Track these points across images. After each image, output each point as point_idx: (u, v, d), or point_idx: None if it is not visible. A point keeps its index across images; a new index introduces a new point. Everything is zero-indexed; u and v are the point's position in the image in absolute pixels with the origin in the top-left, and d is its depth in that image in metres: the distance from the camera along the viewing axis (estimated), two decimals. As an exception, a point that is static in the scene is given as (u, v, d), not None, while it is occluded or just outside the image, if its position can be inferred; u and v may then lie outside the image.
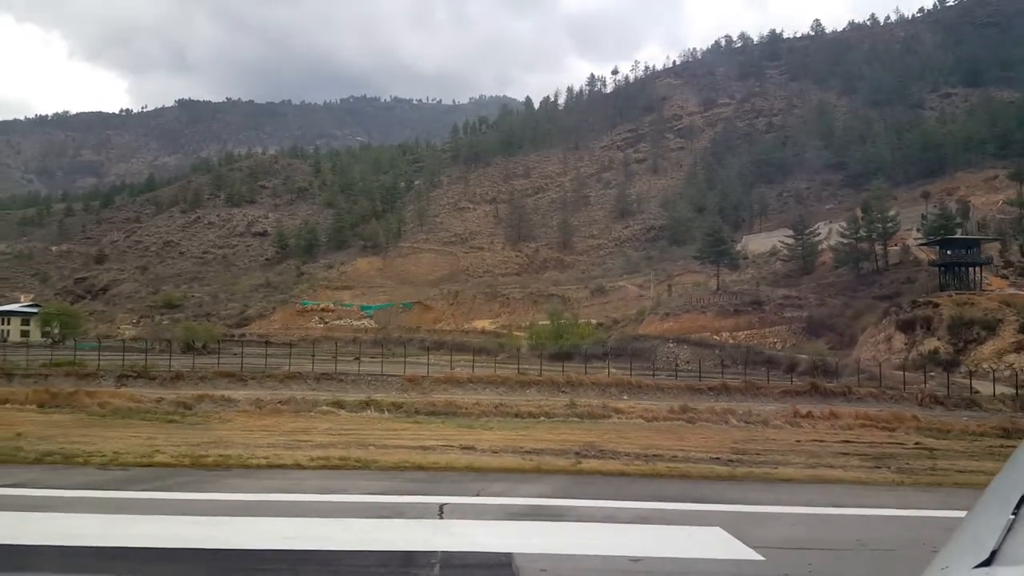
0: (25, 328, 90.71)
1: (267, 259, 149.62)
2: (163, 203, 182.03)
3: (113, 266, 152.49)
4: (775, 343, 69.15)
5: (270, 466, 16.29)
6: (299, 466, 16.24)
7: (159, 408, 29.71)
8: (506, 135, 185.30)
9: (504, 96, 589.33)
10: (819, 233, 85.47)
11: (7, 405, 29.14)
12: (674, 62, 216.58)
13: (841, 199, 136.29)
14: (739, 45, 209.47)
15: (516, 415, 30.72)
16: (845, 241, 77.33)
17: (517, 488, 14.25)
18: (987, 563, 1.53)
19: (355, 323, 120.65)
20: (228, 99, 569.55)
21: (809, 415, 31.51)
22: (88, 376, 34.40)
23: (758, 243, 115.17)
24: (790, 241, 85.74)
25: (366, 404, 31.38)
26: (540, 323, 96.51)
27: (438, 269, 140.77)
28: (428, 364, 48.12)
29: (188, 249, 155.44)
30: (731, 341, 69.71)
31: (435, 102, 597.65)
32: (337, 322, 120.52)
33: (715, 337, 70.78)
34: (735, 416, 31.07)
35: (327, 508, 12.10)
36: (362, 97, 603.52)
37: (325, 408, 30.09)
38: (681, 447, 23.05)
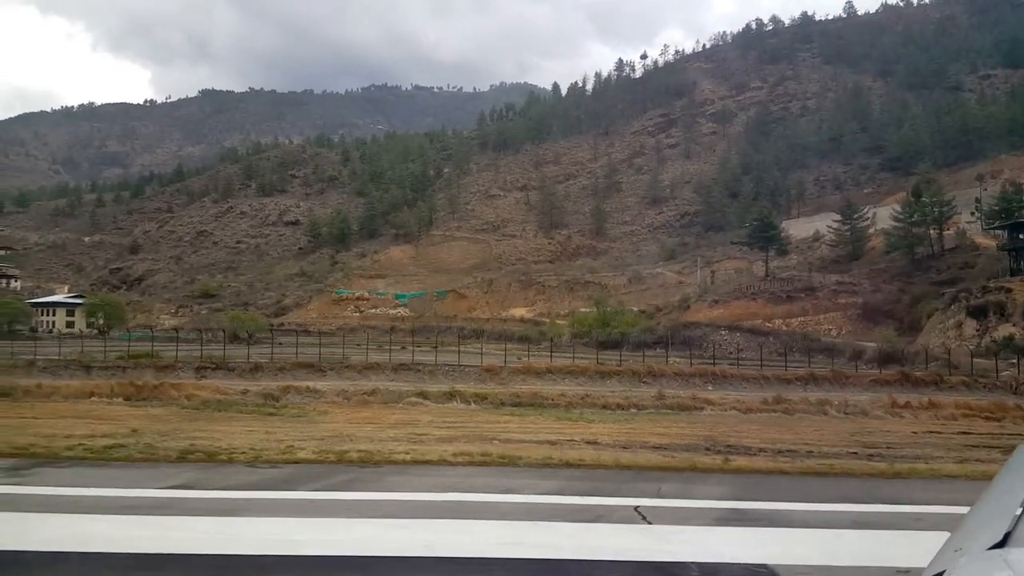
0: (70, 319, 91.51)
1: (300, 248, 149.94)
2: (194, 193, 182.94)
3: (147, 256, 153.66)
4: (830, 330, 67.82)
5: (415, 462, 15.75)
6: (445, 462, 15.68)
7: (246, 400, 29.41)
8: (535, 122, 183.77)
9: (525, 83, 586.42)
10: (867, 218, 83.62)
11: (94, 398, 28.99)
12: (704, 46, 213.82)
13: (880, 183, 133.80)
14: (770, 28, 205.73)
15: (604, 407, 30.09)
16: (898, 225, 75.53)
17: (695, 489, 13.61)
18: (1000, 544, 1.53)
19: (391, 312, 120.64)
20: (251, 89, 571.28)
21: (908, 405, 30.57)
22: (166, 368, 34.21)
23: (798, 228, 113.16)
24: (837, 226, 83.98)
25: (450, 395, 30.89)
26: (580, 311, 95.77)
27: (470, 257, 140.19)
28: (481, 353, 47.49)
29: (221, 239, 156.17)
30: (784, 328, 68.46)
31: (456, 90, 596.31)
32: (373, 311, 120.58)
33: (767, 324, 69.56)
34: (832, 407, 30.21)
35: (520, 510, 11.49)
36: (383, 85, 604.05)
37: (413, 399, 29.63)
38: (803, 440, 22.29)
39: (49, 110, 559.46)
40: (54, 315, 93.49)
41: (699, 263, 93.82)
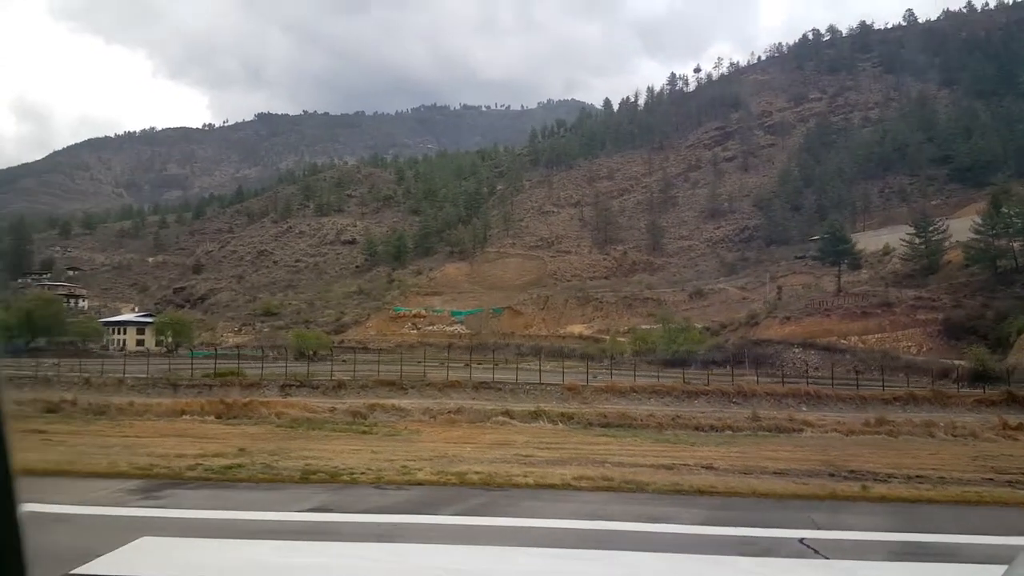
0: (140, 337, 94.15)
1: (357, 266, 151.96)
2: (254, 214, 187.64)
3: (210, 276, 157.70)
4: (909, 347, 65.05)
5: (539, 486, 15.12)
6: (569, 487, 14.98)
7: (335, 418, 29.30)
8: (587, 137, 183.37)
9: (573, 99, 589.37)
10: (943, 230, 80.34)
11: (186, 416, 29.23)
12: (759, 58, 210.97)
13: (948, 194, 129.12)
14: (827, 38, 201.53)
15: (697, 428, 29.03)
16: (977, 238, 72.28)
17: (848, 519, 12.56)
18: None
19: (447, 328, 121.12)
20: (305, 111, 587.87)
21: (1021, 427, 28.72)
22: (251, 386, 34.47)
23: (866, 241, 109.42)
24: (910, 239, 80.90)
25: (535, 414, 30.23)
26: (641, 328, 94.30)
27: (526, 274, 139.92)
28: (539, 370, 46.63)
29: (281, 258, 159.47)
30: (861, 346, 65.99)
31: (504, 108, 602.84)
32: (430, 328, 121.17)
33: (842, 341, 67.15)
34: (938, 429, 28.57)
35: (680, 541, 10.69)
36: (432, 106, 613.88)
37: (500, 419, 29.09)
38: (926, 465, 20.87)
39: (112, 135, 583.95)
40: (124, 333, 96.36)
41: (768, 279, 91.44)
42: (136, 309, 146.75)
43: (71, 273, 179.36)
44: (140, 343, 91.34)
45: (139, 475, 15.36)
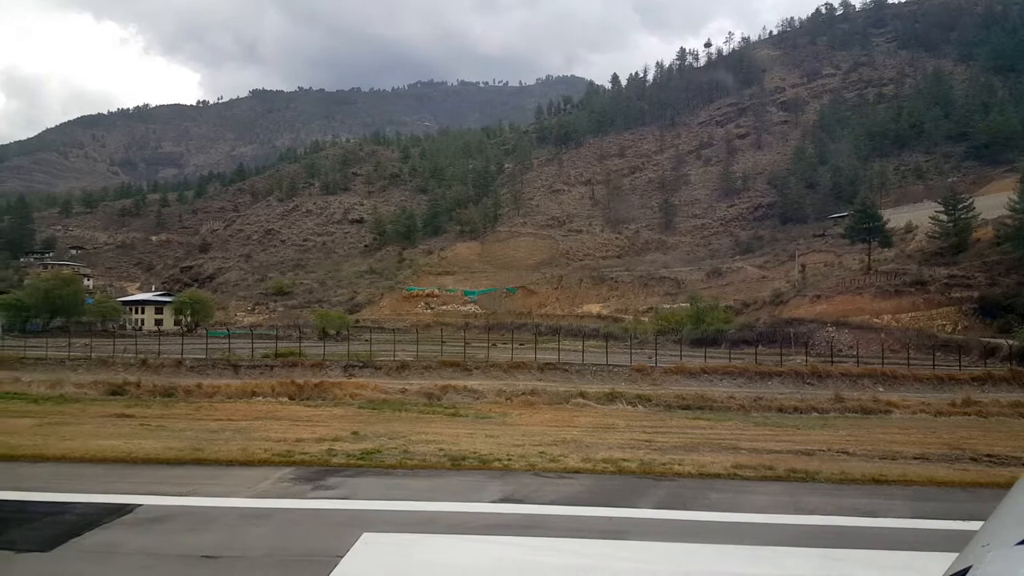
0: (159, 317, 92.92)
1: (366, 245, 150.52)
2: (258, 192, 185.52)
3: (217, 255, 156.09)
4: (944, 325, 64.43)
5: (702, 475, 14.32)
6: (737, 476, 14.19)
7: (410, 399, 28.55)
8: (597, 114, 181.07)
9: (572, 76, 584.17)
10: (973, 207, 79.48)
11: (259, 398, 28.41)
12: (770, 33, 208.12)
13: (965, 171, 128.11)
14: (840, 13, 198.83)
15: (780, 409, 28.35)
16: (1012, 215, 71.47)
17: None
18: None
19: (461, 308, 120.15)
20: (300, 88, 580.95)
21: (1115, 409, 28.16)
22: (314, 366, 33.59)
23: (885, 219, 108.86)
24: (938, 216, 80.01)
25: (610, 396, 29.50)
26: (664, 307, 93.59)
27: (537, 253, 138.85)
28: (558, 349, 45.84)
29: (288, 237, 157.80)
30: (895, 324, 65.37)
31: (502, 84, 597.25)
32: (443, 308, 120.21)
33: (875, 320, 66.52)
34: (1030, 410, 27.98)
35: (933, 539, 9.91)
36: (429, 82, 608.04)
37: (579, 401, 28.36)
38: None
39: (105, 112, 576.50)
40: (143, 312, 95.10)
41: (796, 256, 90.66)
42: (140, 287, 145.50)
43: (74, 252, 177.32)
44: (158, 323, 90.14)
45: (282, 462, 14.51)
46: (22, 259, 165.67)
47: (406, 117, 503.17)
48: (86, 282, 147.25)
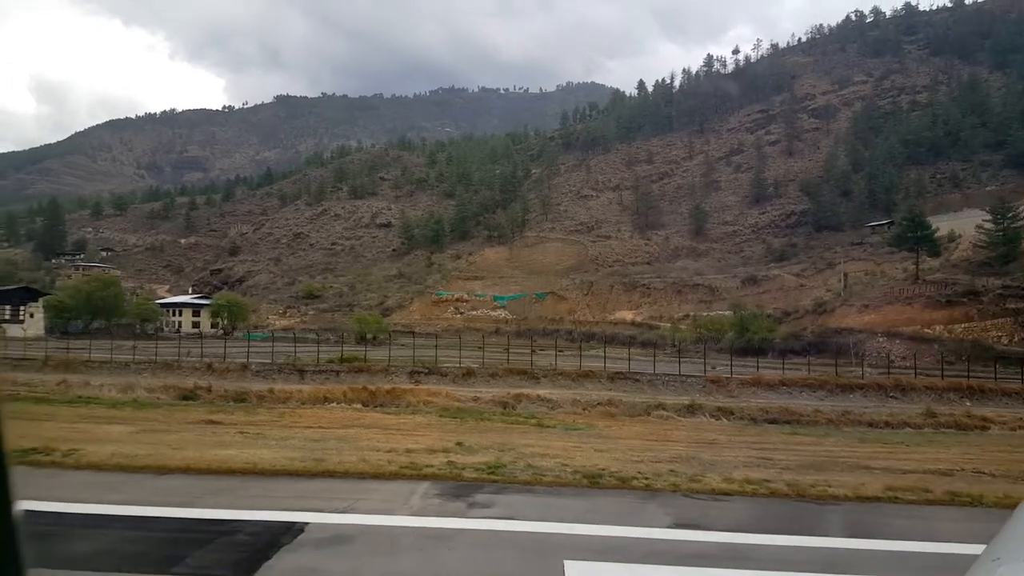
0: (196, 319, 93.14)
1: (394, 249, 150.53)
2: (286, 196, 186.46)
3: (247, 258, 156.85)
4: (999, 337, 62.90)
5: (859, 498, 13.34)
6: (898, 500, 13.27)
7: (485, 408, 27.89)
8: (625, 121, 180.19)
9: (592, 82, 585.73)
10: (1022, 217, 77.56)
11: (333, 404, 27.87)
12: (799, 40, 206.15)
13: (1003, 180, 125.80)
14: (870, 20, 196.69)
15: (870, 424, 27.36)
16: (1065, 224, 69.77)
17: None
18: None
19: (491, 313, 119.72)
20: (323, 94, 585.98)
21: None
22: (379, 372, 33.03)
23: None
24: (986, 225, 78.23)
25: (691, 408, 28.66)
26: (703, 314, 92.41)
27: (566, 258, 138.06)
28: (604, 357, 44.92)
29: (317, 241, 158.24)
30: (947, 335, 63.87)
31: (522, 91, 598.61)
32: (473, 312, 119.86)
33: (926, 331, 65.05)
34: None
35: None
36: (450, 88, 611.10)
37: (662, 413, 27.53)
38: None
39: (133, 116, 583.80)
40: (180, 315, 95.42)
41: (841, 264, 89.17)
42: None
43: (104, 254, 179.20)
44: (196, 325, 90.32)
45: (413, 476, 13.82)
46: (53, 260, 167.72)
47: (427, 123, 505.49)
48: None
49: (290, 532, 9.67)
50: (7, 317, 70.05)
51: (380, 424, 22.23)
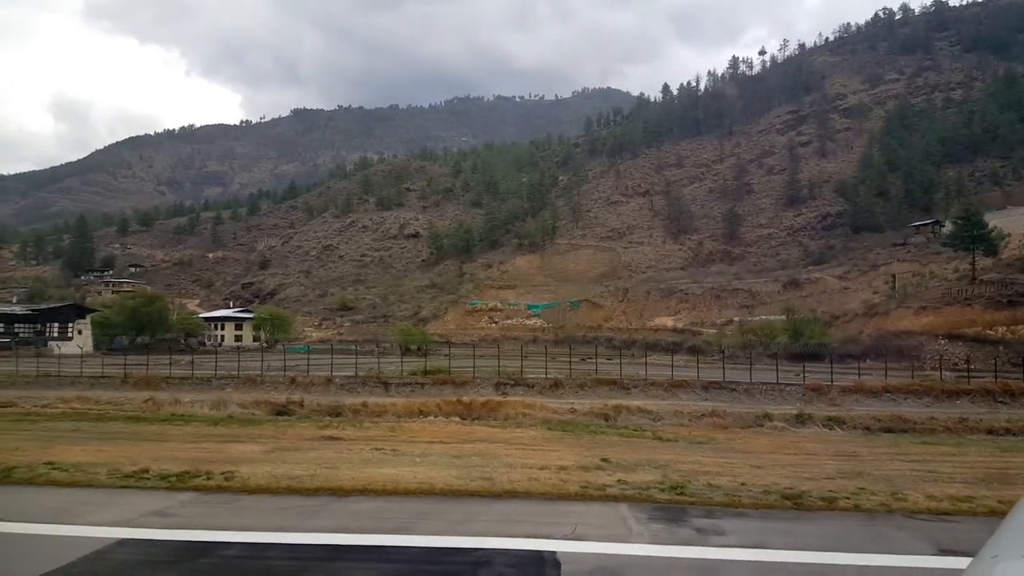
0: (238, 333, 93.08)
1: (423, 260, 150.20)
2: (314, 209, 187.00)
3: (277, 271, 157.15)
4: (1066, 338, 60.97)
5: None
6: None
7: (584, 420, 26.96)
8: (652, 125, 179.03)
9: (608, 88, 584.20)
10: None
11: (431, 418, 27.08)
12: (826, 39, 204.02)
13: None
14: (899, 17, 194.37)
15: (989, 431, 26.11)
16: None
17: None
18: None
19: (527, 322, 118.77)
20: (339, 106, 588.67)
21: None
22: (464, 384, 32.23)
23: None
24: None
25: (800, 419, 27.51)
26: (751, 319, 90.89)
27: (598, 265, 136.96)
28: (672, 365, 43.84)
29: (346, 253, 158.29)
30: (1010, 336, 62.05)
31: (538, 98, 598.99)
32: (508, 321, 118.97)
33: (988, 332, 63.25)
34: None
35: None
36: (466, 97, 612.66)
37: (776, 424, 26.45)
38: None
39: (152, 133, 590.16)
40: (223, 329, 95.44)
41: (893, 265, 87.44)
42: (199, 304, 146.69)
43: (133, 270, 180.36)
44: (238, 338, 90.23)
45: (600, 497, 12.90)
46: (83, 277, 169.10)
47: (444, 132, 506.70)
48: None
49: (547, 563, 8.80)
50: (55, 334, 70.29)
51: (496, 438, 21.30)
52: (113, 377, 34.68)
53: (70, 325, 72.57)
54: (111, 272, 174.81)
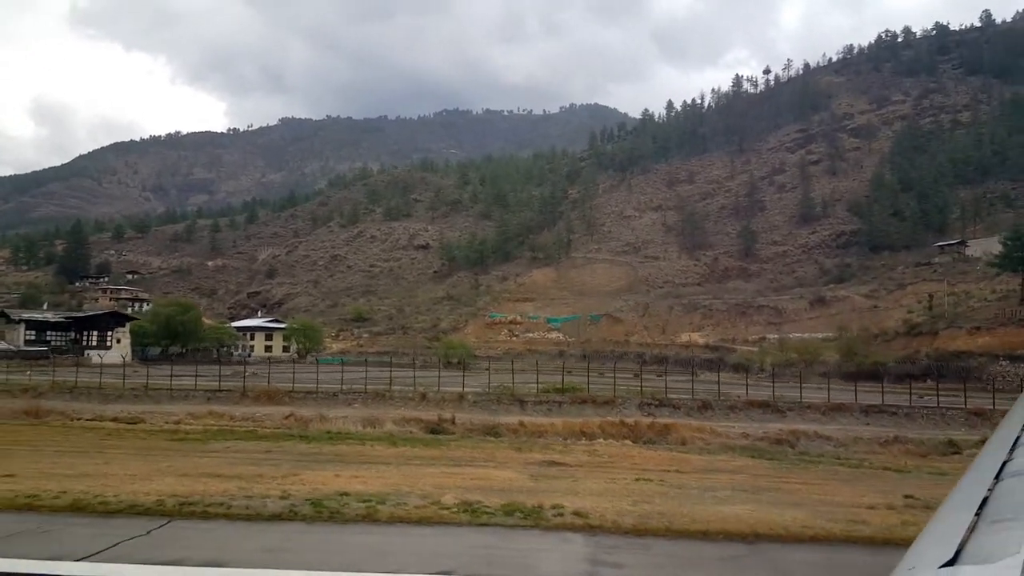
0: (268, 343, 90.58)
1: (435, 271, 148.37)
2: (318, 218, 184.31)
3: (284, 280, 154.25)
4: None
5: None
6: None
7: (762, 446, 25.62)
8: (661, 141, 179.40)
9: (596, 104, 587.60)
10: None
11: (599, 440, 25.56)
12: (830, 59, 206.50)
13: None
14: (901, 40, 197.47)
15: None
16: None
17: None
18: (951, 562, 1.55)
19: (547, 336, 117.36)
20: (328, 116, 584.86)
21: None
22: (606, 404, 30.71)
23: (982, 247, 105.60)
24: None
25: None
26: (793, 336, 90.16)
27: (615, 279, 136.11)
28: (747, 385, 42.75)
29: (355, 263, 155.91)
30: (1070, 357, 61.89)
31: (526, 112, 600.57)
32: (528, 335, 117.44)
33: (1047, 352, 63.04)
34: None
35: None
36: (455, 110, 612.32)
37: (974, 451, 25.34)
38: None
39: (138, 139, 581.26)
40: (252, 339, 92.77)
41: (945, 284, 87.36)
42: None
43: (130, 276, 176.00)
44: (268, 349, 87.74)
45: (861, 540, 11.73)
46: (77, 283, 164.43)
47: (433, 144, 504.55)
48: (146, 307, 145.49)
49: None
50: (94, 343, 67.45)
51: (716, 467, 19.86)
52: (231, 390, 32.63)
53: (109, 333, 69.74)
54: (107, 279, 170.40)
